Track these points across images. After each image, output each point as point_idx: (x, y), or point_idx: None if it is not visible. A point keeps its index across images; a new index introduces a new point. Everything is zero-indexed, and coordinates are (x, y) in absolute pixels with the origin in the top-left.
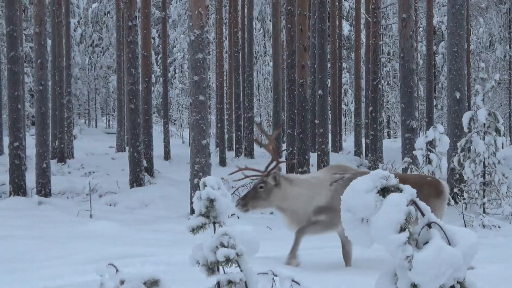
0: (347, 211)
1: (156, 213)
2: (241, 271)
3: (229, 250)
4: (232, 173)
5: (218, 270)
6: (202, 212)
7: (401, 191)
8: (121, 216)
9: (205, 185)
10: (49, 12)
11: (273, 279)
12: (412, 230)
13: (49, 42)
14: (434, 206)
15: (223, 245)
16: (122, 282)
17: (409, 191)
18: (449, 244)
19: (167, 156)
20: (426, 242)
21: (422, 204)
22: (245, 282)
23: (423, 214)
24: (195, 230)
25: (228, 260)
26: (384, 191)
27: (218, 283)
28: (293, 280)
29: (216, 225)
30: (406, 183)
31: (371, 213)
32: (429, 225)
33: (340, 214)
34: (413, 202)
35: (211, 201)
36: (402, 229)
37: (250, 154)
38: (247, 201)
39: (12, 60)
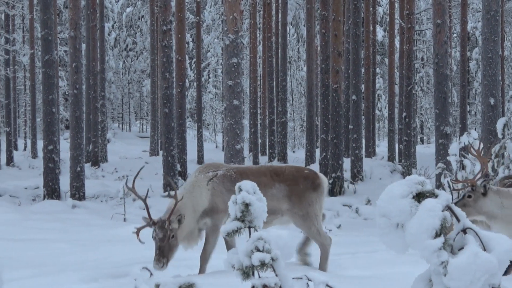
0: (383, 216)
1: None
2: (276, 275)
3: (264, 255)
4: None
5: (253, 274)
6: (237, 217)
7: (436, 196)
8: None
9: (240, 190)
10: (83, 16)
11: (307, 283)
12: (448, 235)
13: (83, 46)
14: (311, 199)
15: (258, 250)
16: (157, 286)
17: (444, 197)
18: (484, 250)
19: (200, 160)
20: (461, 248)
21: (457, 210)
22: (280, 287)
23: (458, 220)
24: (230, 234)
25: (263, 264)
26: (419, 197)
27: (253, 287)
28: (327, 285)
29: (251, 229)
30: (281, 175)
31: (406, 219)
32: (464, 230)
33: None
34: (449, 208)
35: (247, 205)
36: (437, 235)
37: (283, 158)
38: None
39: (46, 63)
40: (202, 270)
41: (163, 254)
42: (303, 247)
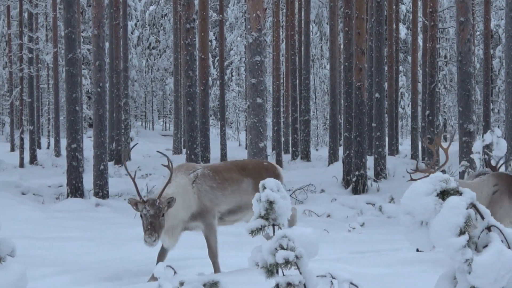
0: (407, 214)
1: None
2: (300, 273)
3: (288, 253)
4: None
5: (277, 272)
6: (261, 214)
7: (460, 194)
8: None
9: (264, 187)
10: (106, 14)
11: (331, 281)
12: (472, 233)
13: (106, 44)
14: None
15: (282, 247)
16: (181, 284)
17: (468, 194)
18: (509, 248)
19: (223, 158)
20: (486, 246)
21: (481, 207)
22: (304, 285)
23: (482, 217)
24: (254, 232)
25: (287, 262)
26: (443, 194)
27: (277, 285)
28: (351, 283)
29: (275, 227)
30: (246, 170)
31: (431, 216)
32: (488, 228)
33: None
34: (473, 205)
35: (271, 203)
36: (461, 232)
37: (306, 157)
38: None
39: (70, 62)
40: (216, 266)
41: (155, 229)
42: None
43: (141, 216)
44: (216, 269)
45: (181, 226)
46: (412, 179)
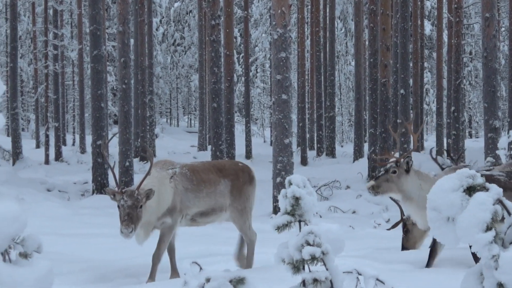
0: (433, 210)
1: None
2: (327, 269)
3: (315, 249)
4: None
5: (303, 268)
6: (287, 210)
7: (487, 190)
8: None
9: (290, 183)
10: (131, 11)
11: (357, 277)
12: (498, 229)
13: (131, 41)
14: (248, 193)
15: (308, 244)
16: (208, 280)
17: (495, 190)
18: None
19: (248, 155)
20: None
21: (508, 203)
22: (331, 281)
23: (509, 213)
24: (280, 228)
25: (313, 258)
26: (470, 190)
27: (303, 282)
28: (377, 279)
29: (302, 223)
30: (224, 171)
31: (457, 212)
32: None
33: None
34: (499, 201)
35: (297, 199)
36: (488, 228)
37: (331, 153)
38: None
39: (95, 58)
40: (154, 270)
41: (132, 220)
42: (240, 251)
43: (118, 207)
44: (153, 274)
45: (154, 223)
46: (379, 163)
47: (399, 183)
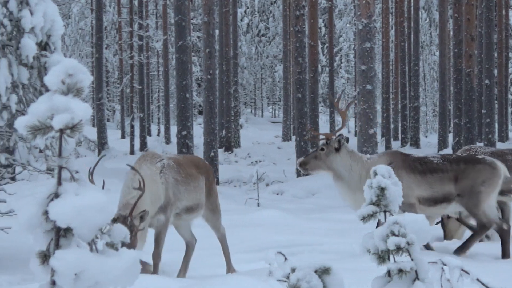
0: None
1: (322, 202)
2: (412, 260)
3: (400, 239)
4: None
5: (388, 258)
6: (373, 201)
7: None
8: (288, 205)
9: (376, 174)
10: (217, 1)
11: (442, 268)
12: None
13: (216, 31)
14: (216, 191)
15: (393, 234)
16: (293, 270)
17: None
18: None
19: None
20: None
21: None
22: (416, 271)
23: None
24: (366, 218)
25: (398, 248)
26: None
27: (389, 272)
28: (462, 270)
29: (387, 213)
30: (199, 167)
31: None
32: None
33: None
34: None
35: (382, 189)
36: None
37: (415, 143)
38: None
39: (180, 49)
40: (156, 268)
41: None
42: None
43: None
44: (156, 271)
45: (148, 223)
46: (309, 138)
47: (328, 161)
